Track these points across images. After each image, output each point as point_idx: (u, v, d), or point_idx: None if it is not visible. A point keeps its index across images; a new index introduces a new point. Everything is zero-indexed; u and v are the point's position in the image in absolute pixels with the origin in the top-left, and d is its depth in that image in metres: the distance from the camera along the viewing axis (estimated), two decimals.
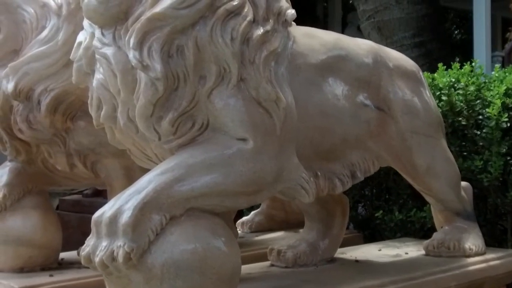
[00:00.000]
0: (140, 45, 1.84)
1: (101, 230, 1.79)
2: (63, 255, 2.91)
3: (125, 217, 1.76)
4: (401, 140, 2.50)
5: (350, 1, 10.90)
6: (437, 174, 2.63)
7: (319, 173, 2.25)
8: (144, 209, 1.77)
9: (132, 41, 1.85)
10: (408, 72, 2.61)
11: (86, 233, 1.87)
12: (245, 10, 1.95)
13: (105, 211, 1.81)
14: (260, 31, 1.98)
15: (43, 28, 2.57)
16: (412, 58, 2.84)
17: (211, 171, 1.87)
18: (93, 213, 1.87)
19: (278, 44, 2.03)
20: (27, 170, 2.76)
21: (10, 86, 2.51)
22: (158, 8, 1.85)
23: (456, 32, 11.30)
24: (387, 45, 4.80)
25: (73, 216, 4.13)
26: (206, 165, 1.87)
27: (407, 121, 2.50)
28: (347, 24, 10.81)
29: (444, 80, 3.24)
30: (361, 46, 2.46)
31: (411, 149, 2.53)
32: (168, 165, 1.88)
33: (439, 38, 5.03)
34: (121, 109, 1.96)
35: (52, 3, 2.59)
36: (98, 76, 1.99)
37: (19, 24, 2.61)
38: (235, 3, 1.93)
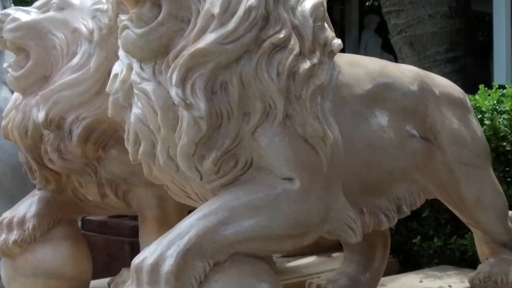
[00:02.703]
0: (183, 82, 1.74)
1: (142, 277, 1.70)
2: (92, 283, 2.83)
3: (167, 264, 1.67)
4: (448, 171, 2.38)
5: (367, 4, 10.76)
6: (486, 206, 2.51)
7: (364, 209, 2.15)
8: (187, 256, 1.68)
9: (174, 78, 1.75)
10: (455, 100, 2.48)
11: (112, 255, 1.77)
12: (292, 42, 1.85)
13: (146, 257, 1.72)
14: (307, 64, 1.87)
15: (74, 54, 2.48)
16: (445, 73, 2.73)
17: (256, 214, 1.77)
18: (119, 234, 1.78)
19: (325, 77, 1.93)
20: (56, 199, 2.67)
21: (40, 115, 2.41)
22: (202, 44, 1.74)
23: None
24: (419, 60, 4.69)
25: (99, 238, 4.02)
26: (251, 208, 1.77)
27: (454, 151, 2.38)
28: (364, 27, 10.72)
29: (487, 103, 3.11)
30: (406, 73, 2.34)
31: (459, 181, 2.41)
32: (211, 208, 1.78)
33: (473, 53, 4.88)
34: (161, 146, 1.86)
35: (83, 28, 2.49)
36: (136, 110, 1.90)
37: (49, 50, 2.52)
38: (281, 36, 1.83)
